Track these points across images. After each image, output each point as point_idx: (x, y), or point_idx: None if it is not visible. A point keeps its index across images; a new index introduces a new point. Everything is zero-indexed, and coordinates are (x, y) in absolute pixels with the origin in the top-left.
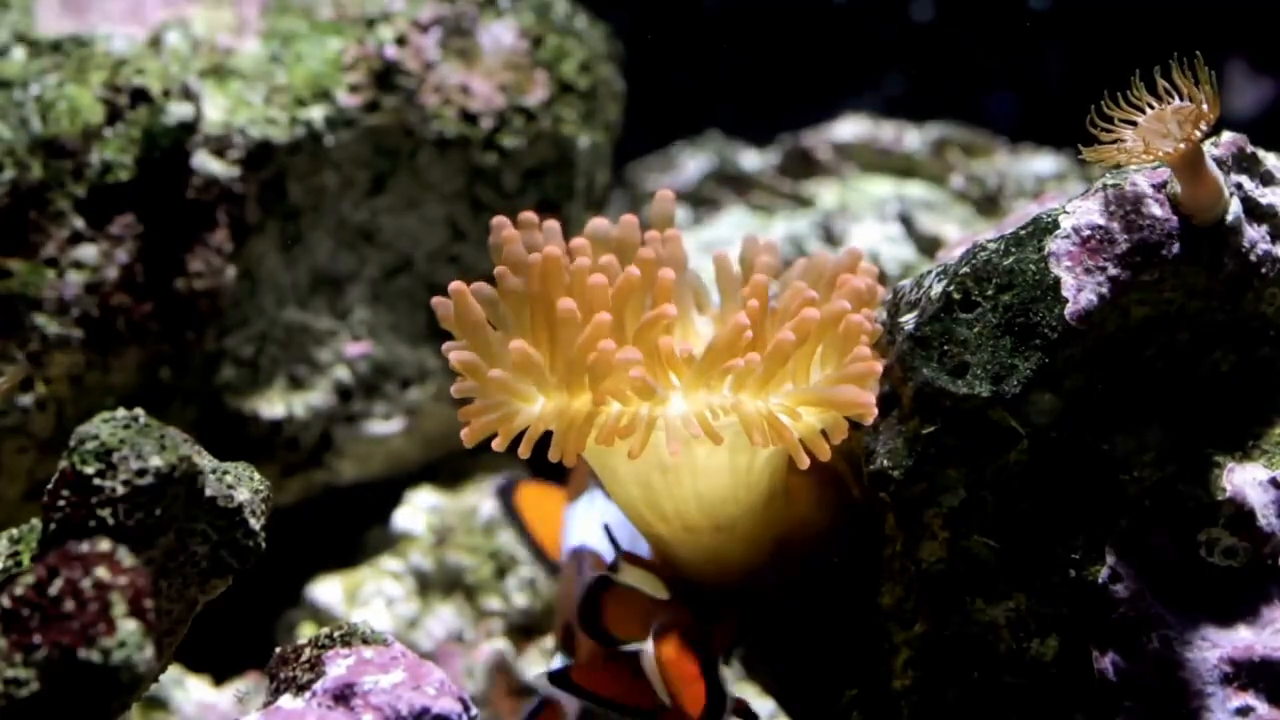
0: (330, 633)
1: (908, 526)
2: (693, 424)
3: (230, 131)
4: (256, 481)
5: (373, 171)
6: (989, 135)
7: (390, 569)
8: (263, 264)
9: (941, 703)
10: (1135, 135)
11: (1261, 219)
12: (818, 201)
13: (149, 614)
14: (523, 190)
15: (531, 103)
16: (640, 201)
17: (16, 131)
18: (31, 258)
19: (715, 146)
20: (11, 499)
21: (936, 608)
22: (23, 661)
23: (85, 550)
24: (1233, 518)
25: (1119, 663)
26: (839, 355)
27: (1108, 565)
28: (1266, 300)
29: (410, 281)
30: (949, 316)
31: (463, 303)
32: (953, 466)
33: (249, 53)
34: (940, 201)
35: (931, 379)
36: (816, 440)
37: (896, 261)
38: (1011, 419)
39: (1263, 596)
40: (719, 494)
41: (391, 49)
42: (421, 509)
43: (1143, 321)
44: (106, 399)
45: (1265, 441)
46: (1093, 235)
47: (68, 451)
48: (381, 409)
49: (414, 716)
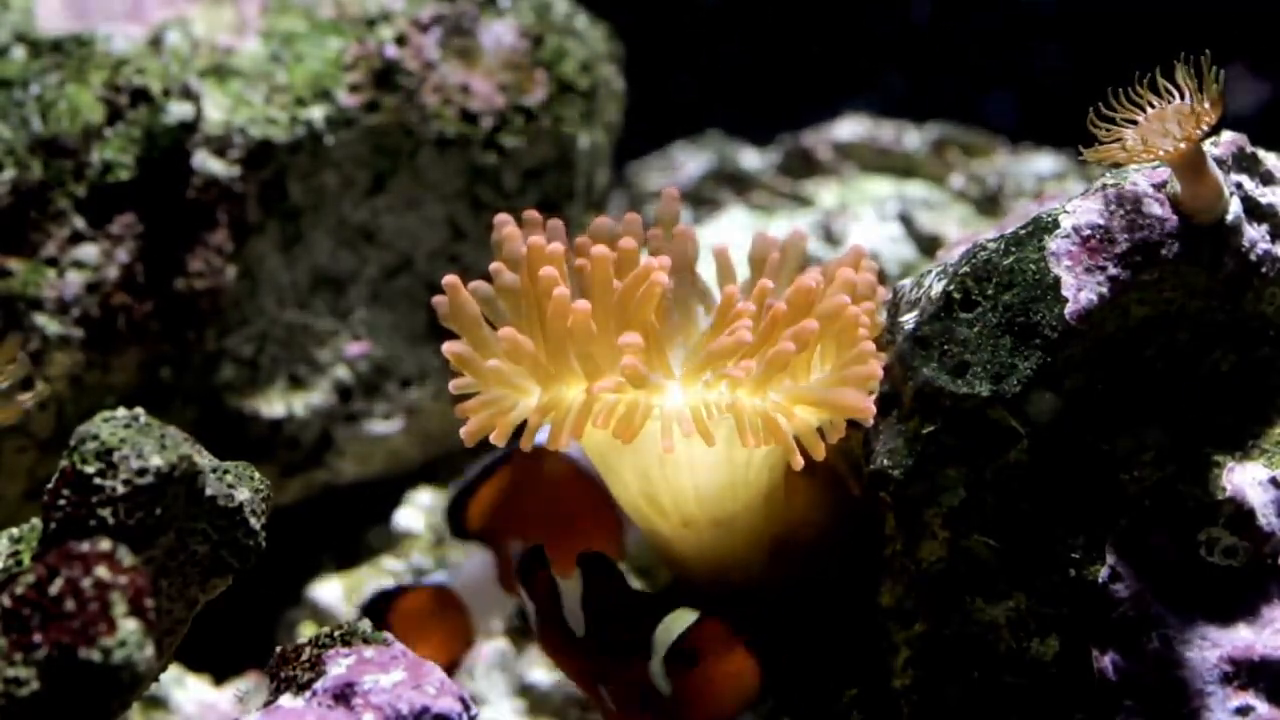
0: (330, 632)
1: (908, 526)
2: (687, 421)
3: (230, 131)
4: (257, 481)
5: (373, 171)
6: (989, 135)
7: (391, 568)
8: (263, 264)
9: (941, 702)
10: (1135, 135)
11: (1261, 218)
12: (818, 201)
13: (149, 613)
14: (523, 190)
15: (532, 102)
16: (640, 201)
17: (17, 131)
18: (32, 257)
19: (715, 146)
20: (11, 498)
21: (936, 607)
22: (23, 660)
23: (85, 549)
24: (1233, 517)
25: (1119, 662)
26: (838, 350)
27: (1108, 565)
28: (1266, 300)
29: (410, 281)
30: (949, 316)
31: (457, 297)
32: (953, 466)
33: (249, 52)
34: (940, 201)
35: (931, 378)
36: (813, 439)
37: (896, 261)
38: (1011, 418)
39: (1263, 596)
40: (717, 489)
41: (391, 48)
42: (422, 508)
43: (1143, 321)
44: (107, 399)
45: (1265, 441)
46: (1093, 235)
47: (68, 451)
48: (382, 408)
49: (414, 716)
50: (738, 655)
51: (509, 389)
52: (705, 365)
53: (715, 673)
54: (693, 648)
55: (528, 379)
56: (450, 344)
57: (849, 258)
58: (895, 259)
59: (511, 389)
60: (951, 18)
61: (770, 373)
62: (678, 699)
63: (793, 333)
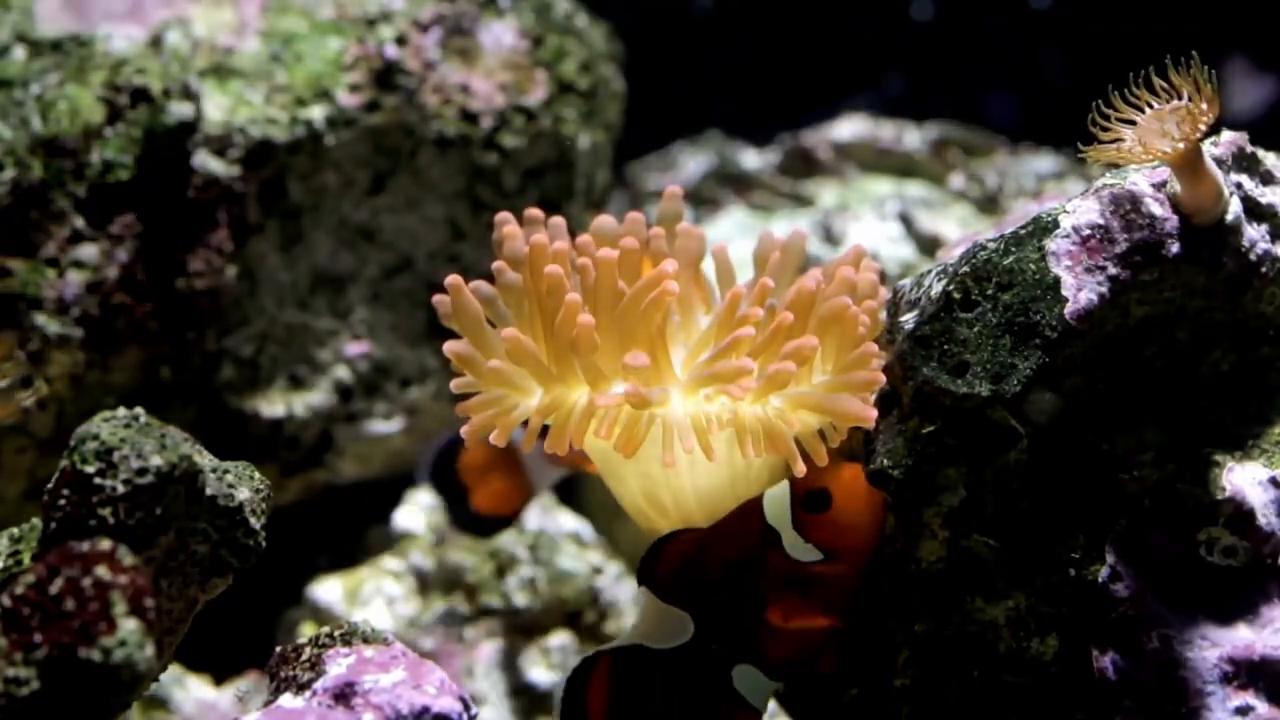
0: (330, 632)
1: (907, 526)
2: (688, 436)
3: (230, 131)
4: (257, 480)
5: (373, 171)
6: (989, 135)
7: (390, 568)
8: (263, 263)
9: (941, 702)
10: (1134, 135)
11: (1261, 218)
12: (818, 201)
13: (149, 613)
14: (523, 190)
15: (532, 102)
16: (640, 201)
17: (17, 131)
18: (32, 257)
19: (715, 146)
20: (11, 498)
21: (936, 607)
22: (23, 660)
23: (86, 549)
24: (1232, 517)
25: (1119, 662)
26: (838, 350)
27: (1108, 564)
28: (1266, 300)
29: (410, 281)
30: (949, 316)
31: (459, 297)
32: (953, 466)
33: (249, 52)
34: (940, 201)
35: (931, 378)
36: (815, 442)
37: (896, 261)
38: (1011, 418)
39: (1262, 595)
40: (718, 489)
41: (392, 48)
42: (422, 508)
43: (1142, 321)
44: (107, 398)
45: (1265, 441)
46: (1092, 234)
47: (68, 450)
48: (382, 408)
49: (414, 715)
50: (850, 466)
51: (510, 389)
52: (707, 383)
53: (849, 494)
54: (818, 489)
55: (529, 379)
56: (451, 343)
57: (850, 257)
58: (895, 259)
59: (513, 389)
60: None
61: (770, 389)
62: (829, 547)
63: (793, 349)
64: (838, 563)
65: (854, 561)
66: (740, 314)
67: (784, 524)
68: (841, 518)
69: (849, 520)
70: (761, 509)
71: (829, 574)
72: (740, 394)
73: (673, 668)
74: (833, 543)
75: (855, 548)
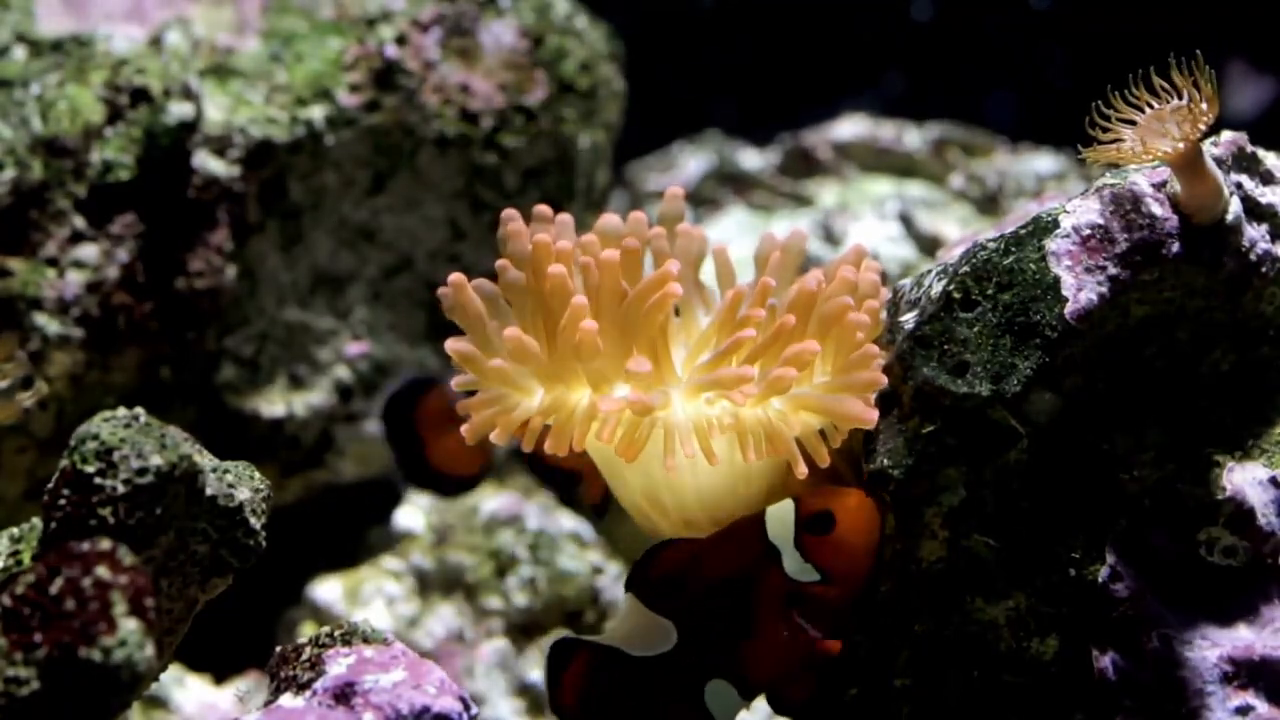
0: (331, 631)
1: (907, 525)
2: (689, 440)
3: (231, 131)
4: (257, 480)
5: (373, 171)
6: (989, 135)
7: (391, 568)
8: (263, 263)
9: (942, 702)
10: (1134, 135)
11: (1261, 218)
12: (818, 201)
13: (149, 613)
14: (523, 190)
15: (532, 102)
16: (640, 201)
17: (17, 131)
18: (32, 257)
19: (715, 146)
20: (11, 498)
21: (936, 607)
22: (23, 660)
23: (86, 549)
24: (1232, 517)
25: (1119, 662)
26: (839, 351)
27: (1108, 564)
28: (1266, 300)
29: (410, 281)
30: (949, 316)
31: (462, 294)
32: (953, 466)
33: (249, 52)
34: (940, 201)
35: (931, 378)
36: (816, 443)
37: (896, 261)
38: (1011, 418)
39: (1262, 595)
40: (718, 488)
41: (392, 48)
42: (422, 508)
43: (1142, 321)
44: (107, 398)
45: (1265, 441)
46: (1092, 234)
47: (68, 450)
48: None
49: (414, 715)
50: (854, 493)
51: (511, 388)
52: (708, 387)
53: (852, 520)
54: (822, 511)
55: (530, 378)
56: (453, 341)
57: (850, 256)
58: (895, 259)
59: (514, 388)
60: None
61: (770, 394)
62: (828, 569)
63: (794, 353)
64: (833, 586)
65: (850, 586)
66: (741, 314)
67: (785, 542)
68: (843, 542)
69: (850, 545)
70: (763, 525)
71: (824, 596)
72: (742, 399)
73: (647, 675)
74: (831, 566)
75: (852, 573)
